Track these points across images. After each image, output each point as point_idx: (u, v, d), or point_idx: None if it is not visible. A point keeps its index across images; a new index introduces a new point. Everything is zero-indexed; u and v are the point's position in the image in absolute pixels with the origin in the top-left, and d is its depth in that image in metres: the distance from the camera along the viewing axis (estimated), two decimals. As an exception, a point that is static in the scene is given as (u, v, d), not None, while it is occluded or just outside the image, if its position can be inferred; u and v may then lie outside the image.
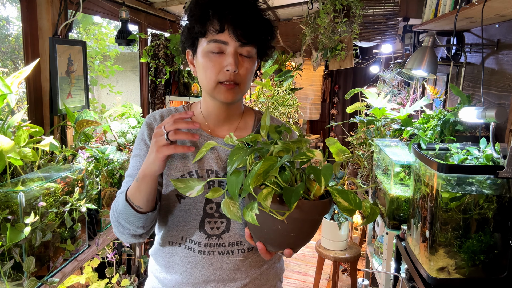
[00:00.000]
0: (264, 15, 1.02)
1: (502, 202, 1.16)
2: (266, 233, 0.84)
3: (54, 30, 1.98)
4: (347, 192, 0.79)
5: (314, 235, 0.88)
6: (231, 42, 0.95)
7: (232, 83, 0.98)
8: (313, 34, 3.05)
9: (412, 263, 1.36)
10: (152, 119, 1.09)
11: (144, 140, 1.07)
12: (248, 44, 0.97)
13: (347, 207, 0.78)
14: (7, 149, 1.32)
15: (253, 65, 1.01)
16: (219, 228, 1.03)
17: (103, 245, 1.80)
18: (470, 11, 1.47)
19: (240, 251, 1.05)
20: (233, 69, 0.96)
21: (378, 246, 2.21)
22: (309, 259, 3.77)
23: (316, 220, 0.85)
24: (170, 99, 3.37)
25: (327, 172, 0.77)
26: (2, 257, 1.26)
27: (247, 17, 0.95)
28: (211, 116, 1.09)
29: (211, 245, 1.03)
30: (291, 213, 0.76)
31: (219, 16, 0.94)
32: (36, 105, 2.00)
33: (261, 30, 0.99)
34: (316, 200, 0.81)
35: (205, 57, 0.98)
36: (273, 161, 0.78)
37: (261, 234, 0.85)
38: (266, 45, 1.04)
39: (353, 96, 2.93)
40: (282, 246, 0.85)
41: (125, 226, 0.98)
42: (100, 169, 1.78)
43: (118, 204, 0.99)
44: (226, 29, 0.94)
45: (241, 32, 0.94)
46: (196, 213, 1.03)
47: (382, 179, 1.99)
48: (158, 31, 3.04)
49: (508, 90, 1.64)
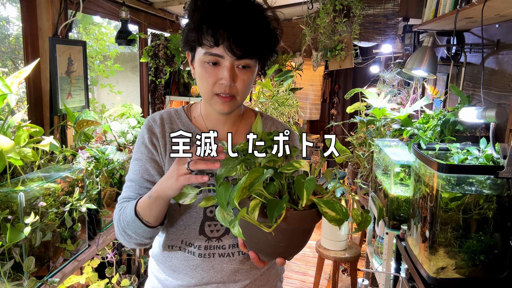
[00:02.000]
0: (267, 23, 0.96)
1: (502, 202, 1.16)
2: (257, 243, 0.84)
3: (54, 30, 1.98)
4: (333, 202, 0.78)
5: (306, 243, 0.87)
6: (227, 56, 0.91)
7: (229, 96, 0.96)
8: (313, 34, 3.05)
9: (412, 263, 1.36)
10: (152, 121, 1.07)
11: (145, 144, 1.05)
12: (245, 57, 0.92)
13: (334, 217, 0.77)
14: (7, 149, 1.32)
15: (251, 76, 0.97)
16: (219, 230, 1.03)
17: (103, 245, 1.80)
18: (470, 11, 1.47)
19: (240, 253, 1.04)
20: (228, 83, 0.93)
21: (378, 246, 2.21)
22: (309, 259, 3.77)
23: (307, 229, 0.84)
24: (170, 99, 3.37)
25: (309, 185, 0.76)
26: (2, 257, 1.26)
27: (245, 31, 0.89)
28: (210, 118, 1.08)
29: (212, 248, 1.03)
30: (279, 225, 0.75)
31: (213, 31, 0.89)
32: (36, 105, 2.00)
33: (261, 42, 0.94)
34: (304, 211, 0.80)
35: (201, 67, 0.95)
36: (259, 173, 0.77)
37: (252, 244, 0.86)
38: (268, 53, 1.00)
39: (353, 96, 2.93)
40: (274, 255, 0.85)
41: (132, 236, 0.98)
42: (100, 169, 1.78)
43: (125, 215, 0.98)
44: (221, 43, 0.90)
45: (237, 47, 0.89)
46: (196, 217, 1.03)
47: (382, 179, 1.99)
48: (158, 31, 3.04)
49: (508, 90, 1.64)
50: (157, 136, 1.05)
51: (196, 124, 1.09)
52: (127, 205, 1.00)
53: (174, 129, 1.07)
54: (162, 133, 1.05)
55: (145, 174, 1.03)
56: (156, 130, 1.06)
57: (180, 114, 1.10)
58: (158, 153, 1.05)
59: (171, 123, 1.08)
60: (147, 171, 1.03)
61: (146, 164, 1.03)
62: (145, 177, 1.03)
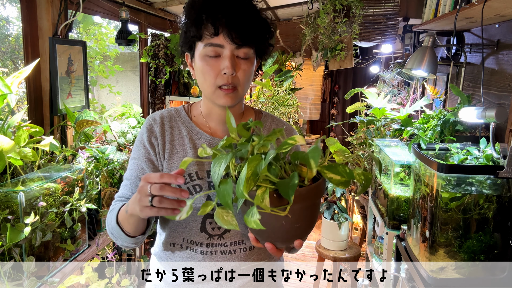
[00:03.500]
0: (260, 14, 1.00)
1: (502, 202, 1.16)
2: (272, 232, 0.82)
3: (54, 30, 1.98)
4: (336, 165, 0.77)
5: (317, 218, 0.87)
6: (227, 45, 0.94)
7: (231, 88, 0.97)
8: (313, 34, 3.05)
9: (412, 263, 1.36)
10: (152, 121, 1.08)
11: (143, 143, 1.06)
12: (245, 45, 0.95)
13: (340, 180, 0.76)
14: (7, 149, 1.32)
15: (251, 66, 1.00)
16: (220, 228, 1.03)
17: (103, 245, 1.80)
18: (470, 11, 1.47)
19: (242, 250, 1.05)
20: (230, 72, 0.95)
21: (378, 246, 2.21)
22: (309, 259, 3.77)
23: (317, 204, 0.83)
24: (170, 99, 3.37)
25: (315, 154, 0.75)
26: (2, 257, 1.26)
27: (242, 18, 0.94)
28: (211, 117, 1.09)
29: (213, 245, 1.03)
30: (292, 206, 0.75)
31: (213, 19, 0.92)
32: (36, 105, 2.00)
33: (257, 30, 0.98)
34: (311, 184, 0.79)
35: (202, 61, 0.97)
36: (259, 160, 0.75)
37: (267, 234, 0.84)
38: (264, 44, 1.02)
39: (353, 96, 2.93)
40: (291, 239, 0.83)
41: (118, 240, 0.99)
42: (100, 169, 1.78)
43: (110, 220, 0.99)
44: (221, 32, 0.93)
45: (236, 34, 0.93)
46: (196, 214, 1.03)
47: (382, 179, 1.99)
48: (158, 31, 3.04)
49: (508, 90, 1.64)
50: (156, 135, 1.06)
51: (196, 122, 1.10)
52: (114, 208, 1.01)
53: (174, 128, 1.07)
54: (161, 132, 1.06)
55: (140, 173, 1.04)
56: (156, 129, 1.06)
57: (180, 112, 1.11)
58: (156, 152, 1.05)
59: (171, 121, 1.08)
60: (142, 170, 1.04)
61: (142, 163, 1.04)
62: (140, 176, 1.04)
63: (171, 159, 1.04)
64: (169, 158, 1.04)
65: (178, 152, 1.05)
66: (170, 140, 1.06)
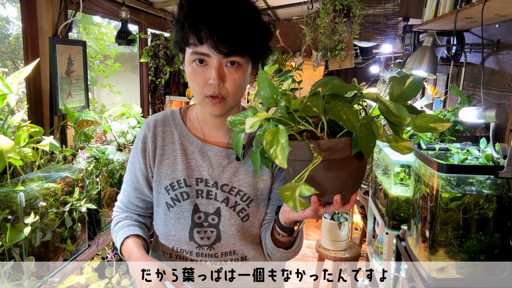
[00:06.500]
0: (254, 18, 0.89)
1: (502, 202, 1.16)
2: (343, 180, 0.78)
3: (54, 30, 1.98)
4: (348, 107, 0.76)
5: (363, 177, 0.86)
6: (212, 55, 0.86)
7: (219, 97, 0.91)
8: (313, 34, 3.05)
9: (412, 263, 1.36)
10: (145, 126, 1.08)
11: (137, 150, 1.08)
12: (233, 54, 0.86)
13: None
14: (7, 149, 1.32)
15: (242, 75, 0.91)
16: (209, 237, 1.03)
17: (103, 245, 1.80)
18: (470, 11, 1.47)
19: (234, 260, 1.04)
20: (216, 83, 0.88)
21: (378, 246, 2.21)
22: (309, 259, 3.77)
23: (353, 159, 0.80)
24: (170, 99, 3.37)
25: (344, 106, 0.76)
26: (2, 257, 1.26)
27: (229, 26, 0.83)
28: (206, 122, 1.05)
29: (203, 255, 1.03)
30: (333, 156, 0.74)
31: (195, 29, 0.85)
32: (36, 105, 2.00)
33: (249, 37, 0.87)
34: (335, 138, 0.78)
35: (190, 67, 0.92)
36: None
37: (334, 184, 0.78)
38: (259, 50, 0.93)
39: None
40: (358, 183, 0.82)
41: None
42: (100, 169, 1.78)
43: (114, 238, 1.08)
44: (205, 42, 0.85)
45: (222, 43, 0.84)
46: (184, 223, 1.03)
47: (382, 179, 1.99)
48: (158, 31, 3.04)
49: (508, 90, 1.64)
50: (148, 141, 1.06)
51: (190, 127, 1.07)
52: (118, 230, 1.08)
53: (167, 132, 1.07)
54: (153, 137, 1.06)
55: (134, 182, 1.09)
56: (148, 134, 1.07)
57: (175, 116, 1.09)
58: (147, 160, 1.06)
59: (164, 125, 1.07)
60: (136, 179, 1.09)
61: (136, 172, 1.08)
62: (134, 185, 1.09)
63: (160, 165, 1.04)
64: (159, 164, 1.04)
65: (168, 158, 1.04)
66: (162, 146, 1.05)
